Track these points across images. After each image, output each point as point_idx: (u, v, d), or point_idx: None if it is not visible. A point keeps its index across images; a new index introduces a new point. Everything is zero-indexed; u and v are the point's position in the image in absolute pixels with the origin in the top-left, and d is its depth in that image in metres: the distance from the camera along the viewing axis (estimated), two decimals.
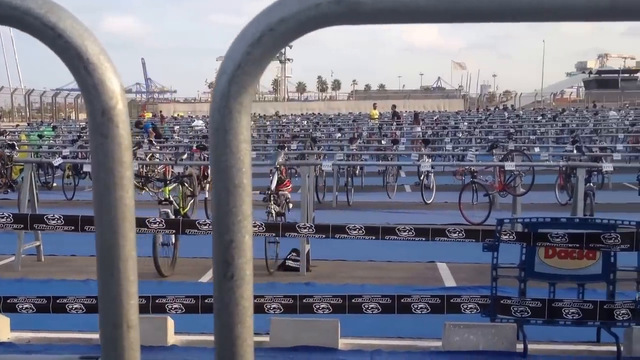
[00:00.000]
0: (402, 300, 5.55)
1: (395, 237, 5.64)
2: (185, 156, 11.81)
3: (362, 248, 8.39)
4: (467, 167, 11.79)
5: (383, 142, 18.95)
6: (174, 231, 6.91)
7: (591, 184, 10.33)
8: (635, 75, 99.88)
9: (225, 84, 0.76)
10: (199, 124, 29.61)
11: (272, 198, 8.32)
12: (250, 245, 0.82)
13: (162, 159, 13.08)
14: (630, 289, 5.46)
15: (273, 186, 8.53)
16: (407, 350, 5.48)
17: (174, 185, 9.34)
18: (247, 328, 0.83)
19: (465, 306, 5.51)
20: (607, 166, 10.28)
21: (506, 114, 36.01)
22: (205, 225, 5.96)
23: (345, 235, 5.71)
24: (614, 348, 5.27)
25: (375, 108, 36.07)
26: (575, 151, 12.90)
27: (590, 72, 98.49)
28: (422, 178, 13.57)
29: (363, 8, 0.66)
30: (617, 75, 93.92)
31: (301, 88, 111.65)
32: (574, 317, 5.35)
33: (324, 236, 5.84)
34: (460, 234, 5.58)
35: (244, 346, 0.82)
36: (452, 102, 72.54)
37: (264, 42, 0.72)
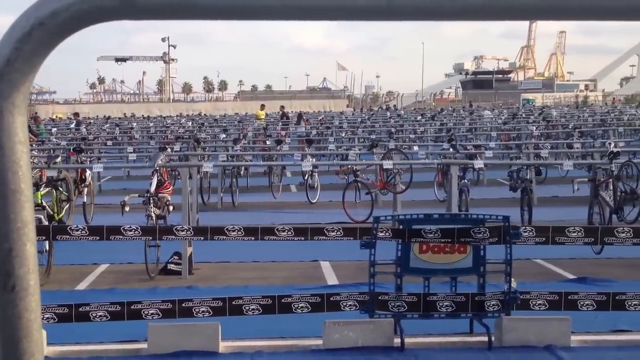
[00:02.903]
0: (283, 300, 5.56)
1: (275, 237, 5.64)
2: (59, 159, 11.30)
3: (247, 249, 8.32)
4: (349, 166, 11.98)
5: (268, 142, 18.95)
6: (44, 238, 6.58)
7: (466, 181, 10.76)
8: (508, 76, 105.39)
9: None
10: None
11: (151, 201, 8.11)
12: (33, 254, 0.76)
13: (37, 163, 12.45)
14: (499, 281, 5.72)
15: (153, 189, 8.32)
16: (288, 350, 5.49)
17: (47, 189, 8.92)
18: (34, 342, 0.77)
19: (344, 303, 5.59)
20: (478, 163, 10.74)
21: (388, 113, 36.97)
22: (78, 230, 5.73)
23: (225, 237, 5.65)
24: (486, 338, 5.50)
25: (262, 109, 36.00)
26: (450, 149, 13.42)
27: (467, 73, 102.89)
28: (306, 178, 13.67)
29: (141, 3, 0.63)
30: (491, 76, 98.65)
31: (187, 89, 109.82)
32: (448, 310, 5.55)
33: (202, 238, 5.75)
34: (339, 233, 5.65)
35: None
36: (337, 102, 73.66)
37: (35, 37, 0.67)
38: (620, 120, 25.32)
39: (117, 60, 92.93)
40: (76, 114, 34.12)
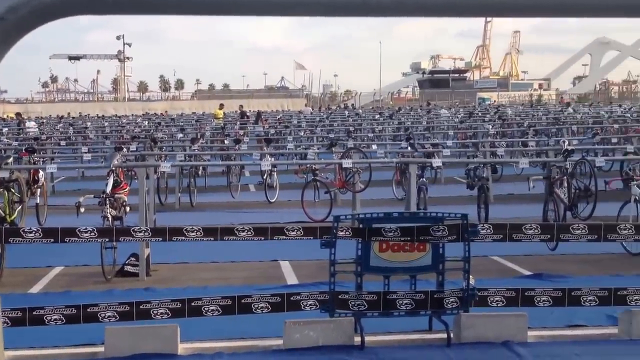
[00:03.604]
0: (243, 301, 5.52)
1: (235, 238, 5.60)
2: (11, 160, 11.02)
3: (205, 249, 8.26)
4: (308, 166, 11.97)
5: (226, 142, 18.82)
6: None
7: (424, 179, 10.84)
8: (464, 75, 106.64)
9: None
10: (31, 125, 27.88)
11: (107, 202, 7.97)
12: None
13: None
14: (457, 278, 5.77)
15: (108, 189, 8.18)
16: (249, 351, 5.45)
17: None
18: None
19: (305, 303, 5.57)
20: (436, 162, 10.83)
21: (347, 112, 37.09)
22: (31, 232, 5.59)
23: (184, 238, 5.58)
24: (445, 335, 5.55)
25: (221, 108, 35.78)
26: (409, 148, 13.51)
27: (424, 72, 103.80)
28: (265, 177, 13.61)
29: None
30: (448, 75, 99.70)
31: (143, 87, 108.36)
32: (408, 308, 5.58)
33: (160, 239, 5.67)
34: (299, 232, 5.63)
35: None
36: (295, 101, 73.61)
37: None
38: (574, 118, 25.84)
39: (71, 58, 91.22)
40: (18, 114, 33.47)
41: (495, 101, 69.06)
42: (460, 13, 0.65)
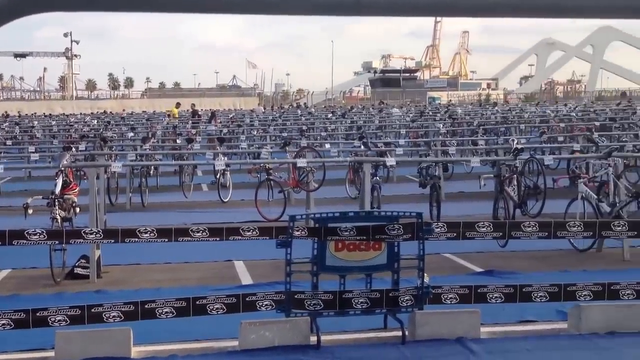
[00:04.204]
0: (198, 302, 5.46)
1: (189, 238, 5.53)
2: None
3: (158, 250, 8.14)
4: (262, 165, 11.92)
5: (178, 141, 18.61)
6: None
7: (377, 178, 10.90)
8: (415, 74, 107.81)
9: None
10: None
11: (56, 203, 7.78)
12: None
13: None
14: (412, 276, 5.82)
15: (57, 190, 7.99)
16: (203, 353, 5.40)
17: None
18: None
19: (260, 303, 5.55)
20: (390, 161, 10.92)
21: (299, 111, 37.08)
22: None
23: (137, 239, 5.49)
24: (400, 333, 5.59)
25: (177, 107, 35.43)
26: (362, 147, 13.58)
27: (375, 72, 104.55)
28: (218, 177, 13.51)
29: None
30: (399, 74, 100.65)
31: (91, 86, 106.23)
32: (363, 307, 5.60)
33: (113, 241, 5.57)
34: (255, 232, 5.60)
35: None
36: (247, 100, 73.27)
37: None
38: (521, 117, 26.36)
39: (16, 56, 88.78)
40: None
41: (450, 100, 70.06)
42: (452, 13, 0.65)
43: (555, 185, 10.64)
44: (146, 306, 5.38)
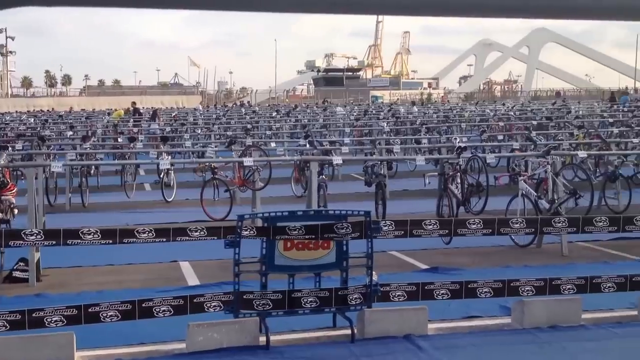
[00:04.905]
0: (144, 305, 5.35)
1: (135, 240, 5.41)
2: None
3: (100, 252, 7.94)
4: (207, 164, 11.80)
5: (120, 139, 18.24)
6: None
7: (323, 176, 10.91)
8: (357, 73, 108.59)
9: None
10: None
11: None
12: None
13: None
14: (361, 274, 5.85)
15: None
16: (150, 357, 5.30)
17: None
18: None
19: (209, 304, 5.48)
20: (337, 159, 10.95)
21: (243, 110, 36.83)
22: None
23: (79, 241, 5.34)
24: (349, 331, 5.61)
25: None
26: (308, 145, 13.58)
27: (319, 71, 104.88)
28: (162, 176, 13.30)
29: None
30: (342, 73, 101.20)
31: (27, 83, 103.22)
32: (312, 306, 5.59)
33: (54, 243, 5.40)
34: (202, 232, 5.52)
35: None
36: (190, 98, 72.45)
37: None
38: (462, 117, 26.82)
39: None
40: None
41: (398, 99, 70.72)
42: (456, 13, 0.64)
43: (496, 183, 10.87)
44: (89, 310, 5.24)
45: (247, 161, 10.70)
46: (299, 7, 0.63)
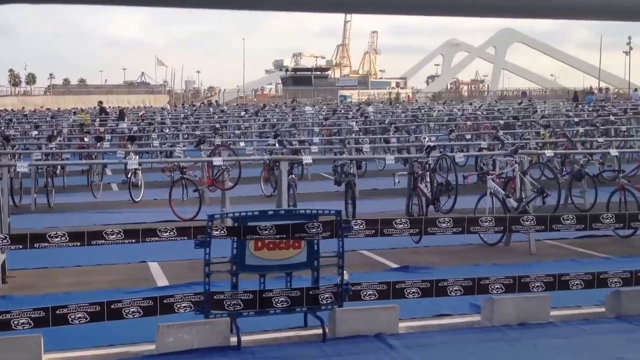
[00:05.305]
0: (113, 306, 5.28)
1: (104, 241, 5.34)
2: None
3: (67, 253, 7.81)
4: (175, 163, 11.70)
5: (86, 139, 18.00)
6: None
7: (293, 176, 10.91)
8: (326, 73, 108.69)
9: None
10: None
11: None
12: None
13: None
14: (332, 274, 5.85)
15: None
16: (119, 358, 5.23)
17: None
18: None
19: (179, 305, 5.43)
20: (307, 159, 10.95)
21: (211, 109, 36.61)
22: None
23: (47, 244, 5.25)
24: (320, 331, 5.60)
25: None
26: (277, 145, 13.55)
27: (287, 70, 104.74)
28: (129, 176, 13.15)
29: None
30: (310, 73, 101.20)
31: None
32: (284, 305, 5.58)
33: (21, 247, 5.31)
34: (172, 233, 5.47)
35: None
36: (157, 97, 71.82)
37: None
38: (430, 116, 27.00)
39: None
40: None
41: (369, 97, 70.92)
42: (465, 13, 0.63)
43: (465, 182, 10.97)
44: (57, 312, 5.16)
45: (217, 161, 10.64)
46: (297, 5, 0.62)
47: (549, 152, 11.18)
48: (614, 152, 11.93)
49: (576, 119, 22.28)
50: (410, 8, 0.64)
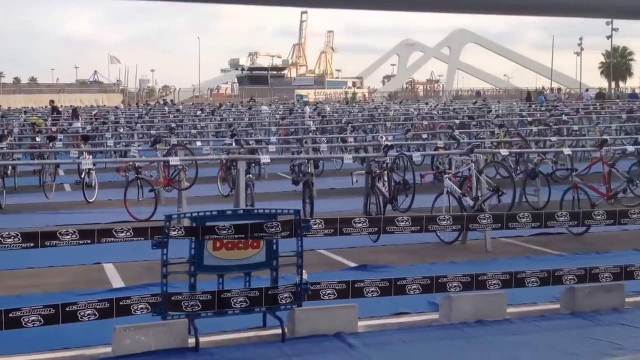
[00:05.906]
0: (67, 309, 5.17)
1: (58, 242, 5.21)
2: None
3: (18, 254, 7.59)
4: (131, 163, 11.52)
5: (38, 139, 17.60)
6: None
7: (250, 175, 10.84)
8: (282, 72, 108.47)
9: None
10: None
11: None
12: None
13: None
14: (291, 273, 5.82)
15: None
16: None
17: None
18: None
19: (135, 307, 5.34)
20: (265, 158, 10.91)
21: (167, 108, 36.19)
22: None
23: None
24: (279, 331, 5.58)
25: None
26: (234, 144, 13.46)
27: (243, 69, 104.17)
28: (83, 176, 12.91)
29: None
30: (266, 72, 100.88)
31: None
32: (242, 306, 5.53)
33: None
34: (128, 233, 5.38)
35: None
36: (110, 96, 70.68)
37: None
38: (387, 115, 27.17)
39: None
40: None
41: (325, 97, 70.93)
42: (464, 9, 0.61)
43: (422, 181, 11.06)
44: (10, 315, 5.02)
45: (174, 160, 10.51)
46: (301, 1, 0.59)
47: (504, 151, 11.36)
48: (566, 151, 12.18)
49: (529, 119, 22.68)
50: (391, 3, 0.62)
